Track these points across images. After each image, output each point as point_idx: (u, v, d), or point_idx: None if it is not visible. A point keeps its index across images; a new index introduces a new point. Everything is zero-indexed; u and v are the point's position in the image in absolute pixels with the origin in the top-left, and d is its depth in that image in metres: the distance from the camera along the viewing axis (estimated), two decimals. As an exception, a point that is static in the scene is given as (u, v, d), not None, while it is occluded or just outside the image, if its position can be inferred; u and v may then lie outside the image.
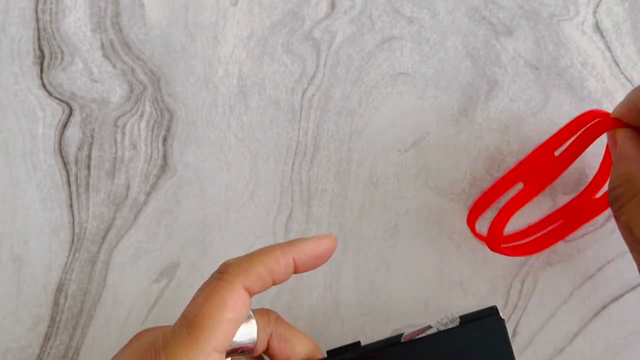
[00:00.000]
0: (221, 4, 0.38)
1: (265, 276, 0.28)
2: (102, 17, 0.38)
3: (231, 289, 0.27)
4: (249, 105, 0.38)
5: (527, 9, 0.38)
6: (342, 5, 0.38)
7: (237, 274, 0.27)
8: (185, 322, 0.26)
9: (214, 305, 0.26)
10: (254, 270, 0.27)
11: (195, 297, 0.27)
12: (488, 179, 0.37)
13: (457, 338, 0.30)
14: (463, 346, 0.30)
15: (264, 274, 0.28)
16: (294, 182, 0.37)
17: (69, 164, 0.37)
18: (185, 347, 0.25)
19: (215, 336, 0.26)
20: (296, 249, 0.29)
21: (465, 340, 0.30)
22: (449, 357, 0.30)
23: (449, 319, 0.30)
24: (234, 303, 0.26)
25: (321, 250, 0.29)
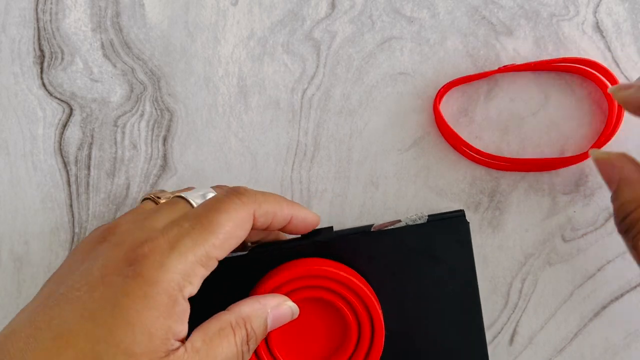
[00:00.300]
0: (221, 4, 0.38)
1: (269, 216, 0.29)
2: (103, 17, 0.38)
3: (246, 210, 0.28)
4: (249, 105, 0.38)
5: (527, 8, 0.38)
6: (342, 5, 0.38)
7: (253, 201, 0.28)
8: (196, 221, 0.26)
9: (230, 218, 0.27)
10: (265, 204, 0.29)
11: (209, 205, 0.27)
12: (488, 179, 0.37)
13: (423, 233, 0.32)
14: (428, 241, 0.31)
15: (269, 213, 0.29)
16: (294, 182, 0.37)
17: (69, 163, 0.37)
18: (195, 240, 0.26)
19: (222, 246, 0.26)
20: (295, 209, 0.31)
21: (430, 236, 0.32)
22: (414, 250, 0.31)
23: (418, 216, 0.32)
24: (245, 223, 0.28)
25: (310, 222, 0.31)
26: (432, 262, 0.32)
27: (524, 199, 0.37)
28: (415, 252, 0.31)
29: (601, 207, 0.36)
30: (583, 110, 0.37)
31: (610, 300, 0.36)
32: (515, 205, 0.37)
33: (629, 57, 0.38)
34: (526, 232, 0.37)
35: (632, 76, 0.37)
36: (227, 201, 0.27)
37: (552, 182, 0.37)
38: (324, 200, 0.37)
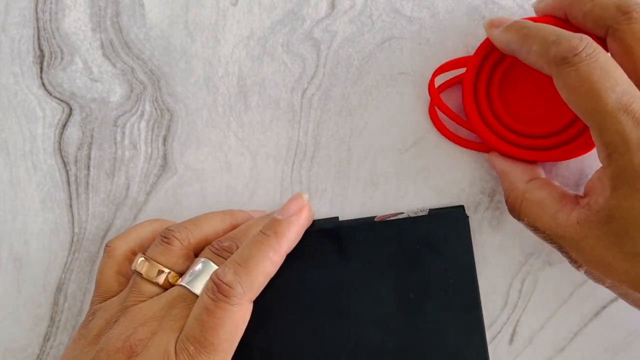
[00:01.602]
0: (221, 4, 0.38)
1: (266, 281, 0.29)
2: (102, 17, 0.38)
3: (243, 312, 0.28)
4: (249, 105, 0.38)
5: (527, 8, 0.38)
6: (342, 5, 0.38)
7: (244, 295, 0.28)
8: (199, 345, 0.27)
9: (229, 331, 0.27)
10: (258, 286, 0.29)
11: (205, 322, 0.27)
12: (488, 179, 0.37)
13: (424, 225, 0.33)
14: (428, 233, 0.33)
15: (265, 281, 0.29)
16: (294, 181, 0.37)
17: (69, 163, 0.37)
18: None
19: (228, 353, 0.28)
20: (287, 243, 0.30)
21: (431, 227, 0.33)
22: (414, 240, 0.33)
23: (419, 209, 0.34)
24: (244, 321, 0.28)
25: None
26: (433, 254, 0.32)
27: (524, 199, 0.37)
28: (416, 243, 0.32)
29: (601, 207, 0.36)
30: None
31: (610, 300, 0.36)
32: (515, 205, 0.37)
33: (629, 57, 0.38)
34: (526, 232, 0.37)
35: (632, 76, 0.37)
36: (220, 313, 0.27)
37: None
38: (324, 200, 0.37)
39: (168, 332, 0.28)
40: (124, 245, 0.33)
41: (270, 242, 0.30)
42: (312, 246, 0.33)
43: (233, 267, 0.28)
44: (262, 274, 0.29)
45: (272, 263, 0.29)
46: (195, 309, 0.28)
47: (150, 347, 0.27)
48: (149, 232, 0.34)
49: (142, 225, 0.34)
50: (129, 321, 0.29)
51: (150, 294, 0.30)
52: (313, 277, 0.32)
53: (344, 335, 0.31)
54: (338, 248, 0.33)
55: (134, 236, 0.33)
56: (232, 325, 0.28)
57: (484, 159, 0.37)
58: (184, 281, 0.30)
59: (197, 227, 0.32)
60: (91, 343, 0.29)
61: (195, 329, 0.27)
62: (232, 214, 0.34)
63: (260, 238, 0.30)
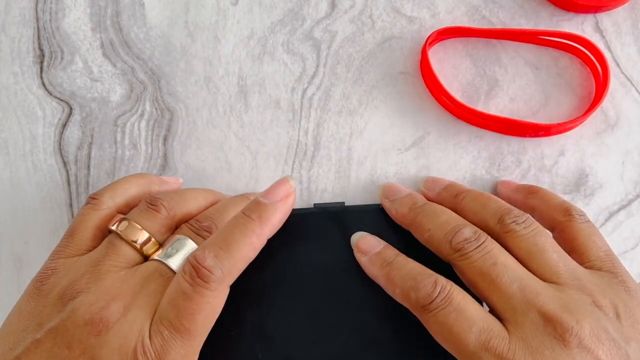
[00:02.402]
0: (221, 4, 0.38)
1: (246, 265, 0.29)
2: (102, 17, 0.38)
3: (220, 297, 0.27)
4: (249, 104, 0.38)
5: (527, 8, 0.38)
6: (342, 4, 0.38)
7: (224, 279, 0.27)
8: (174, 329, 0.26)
9: (206, 317, 0.26)
10: (237, 270, 0.28)
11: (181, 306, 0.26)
12: (488, 179, 0.37)
13: None
14: None
15: (244, 266, 0.28)
16: (295, 181, 0.37)
17: (69, 163, 0.37)
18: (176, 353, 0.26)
19: (201, 340, 0.27)
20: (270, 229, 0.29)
21: None
22: None
23: None
24: (221, 306, 0.27)
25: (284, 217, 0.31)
26: None
27: (524, 199, 0.37)
28: None
29: (601, 206, 0.36)
30: (583, 111, 0.37)
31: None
32: (516, 205, 0.37)
33: (629, 56, 0.38)
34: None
35: (632, 75, 0.37)
36: (197, 298, 0.26)
37: (552, 181, 0.37)
38: (324, 200, 0.37)
39: (144, 309, 0.26)
40: (110, 201, 0.31)
41: (253, 226, 0.28)
42: (316, 228, 0.33)
43: (214, 251, 0.27)
44: (243, 259, 0.28)
45: (254, 248, 0.28)
46: (171, 291, 0.27)
47: (124, 325, 0.26)
48: (135, 191, 0.32)
49: (128, 180, 0.33)
50: (101, 291, 0.27)
51: (127, 258, 0.29)
52: (315, 259, 0.32)
53: (340, 320, 0.31)
54: (342, 231, 0.33)
55: (121, 192, 0.32)
56: (210, 311, 0.26)
57: (484, 159, 0.37)
58: (161, 255, 0.29)
59: (184, 201, 0.31)
60: (53, 305, 0.27)
61: (170, 312, 0.26)
62: (215, 194, 0.34)
63: (244, 221, 0.28)
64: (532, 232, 0.29)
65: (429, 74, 0.36)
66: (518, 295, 0.27)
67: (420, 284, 0.28)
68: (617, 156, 0.37)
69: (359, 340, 0.31)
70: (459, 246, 0.29)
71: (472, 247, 0.29)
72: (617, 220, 0.36)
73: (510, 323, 0.26)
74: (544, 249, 0.29)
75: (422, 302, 0.28)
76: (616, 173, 0.37)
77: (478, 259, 0.28)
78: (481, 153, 0.37)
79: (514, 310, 0.27)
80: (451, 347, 0.27)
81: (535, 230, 0.29)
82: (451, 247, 0.29)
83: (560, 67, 0.38)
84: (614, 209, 0.36)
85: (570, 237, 0.30)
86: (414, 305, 0.28)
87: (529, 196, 0.33)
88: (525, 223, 0.29)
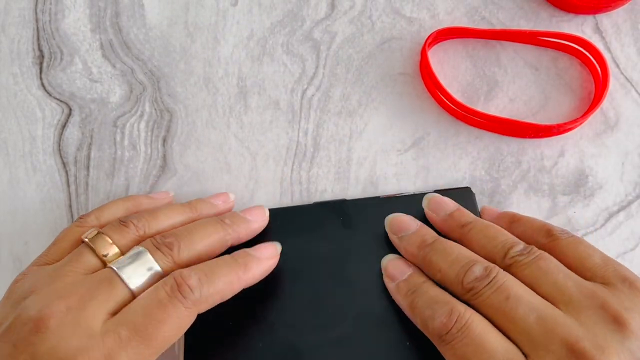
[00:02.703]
0: (221, 5, 0.38)
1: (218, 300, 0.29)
2: (102, 17, 0.38)
3: (189, 318, 0.27)
4: (249, 105, 0.38)
5: (526, 9, 0.38)
6: (341, 5, 0.38)
7: (199, 303, 0.28)
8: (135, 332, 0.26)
9: (170, 330, 0.27)
10: (212, 301, 0.28)
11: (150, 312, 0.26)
12: (487, 180, 0.37)
13: None
14: None
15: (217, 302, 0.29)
16: (294, 182, 0.37)
17: (68, 164, 0.37)
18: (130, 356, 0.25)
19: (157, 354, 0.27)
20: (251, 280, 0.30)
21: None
22: (420, 215, 0.33)
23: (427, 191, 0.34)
24: (187, 326, 0.28)
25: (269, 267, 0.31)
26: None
27: (524, 200, 0.37)
28: (422, 217, 0.33)
29: (601, 207, 0.36)
30: (583, 111, 0.37)
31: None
32: (515, 206, 0.37)
33: (629, 57, 0.38)
34: (526, 233, 0.37)
35: (632, 76, 0.37)
36: (170, 309, 0.26)
37: (552, 182, 0.37)
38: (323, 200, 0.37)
39: (91, 311, 0.27)
40: (95, 221, 0.32)
41: (238, 269, 0.29)
42: (318, 219, 0.34)
43: (199, 275, 0.28)
44: (220, 294, 0.29)
45: (232, 289, 0.29)
46: (145, 297, 0.27)
47: (67, 324, 0.26)
48: (122, 212, 0.33)
49: (115, 203, 0.34)
50: (50, 292, 0.27)
51: (88, 265, 0.29)
52: (318, 248, 0.33)
53: (347, 303, 0.31)
54: (343, 221, 0.33)
55: (107, 213, 0.33)
56: (176, 326, 0.27)
57: (484, 159, 0.37)
58: (116, 265, 0.29)
59: (154, 219, 0.32)
60: (11, 305, 0.28)
61: (139, 317, 0.26)
62: (194, 207, 0.34)
63: (231, 262, 0.30)
64: (534, 258, 0.29)
65: (429, 75, 0.36)
66: (536, 327, 0.26)
67: (436, 313, 0.27)
68: (616, 157, 0.37)
69: (367, 323, 0.31)
70: (470, 286, 0.28)
71: (484, 284, 0.28)
72: (617, 221, 0.36)
73: (532, 358, 0.25)
74: (548, 271, 0.28)
75: (438, 332, 0.27)
76: (616, 174, 0.37)
77: (490, 295, 0.27)
78: (481, 154, 0.37)
79: (535, 343, 0.26)
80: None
81: (538, 256, 0.29)
82: (463, 288, 0.28)
83: (560, 68, 0.38)
84: (614, 210, 0.36)
85: (561, 256, 0.30)
86: (432, 336, 0.28)
87: (512, 225, 0.33)
88: (529, 252, 0.29)
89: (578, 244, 0.30)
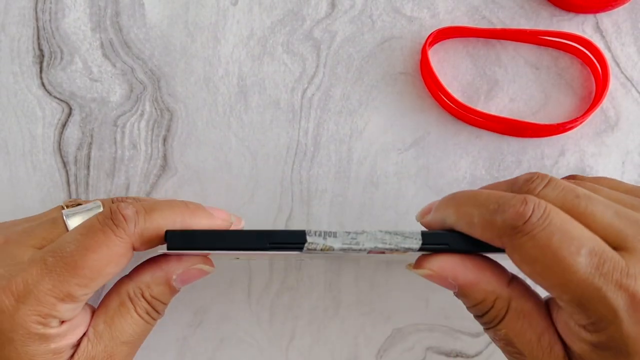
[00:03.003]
0: (221, 4, 0.38)
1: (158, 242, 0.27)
2: (102, 17, 0.38)
3: (122, 246, 0.25)
4: (249, 105, 0.38)
5: (527, 8, 0.38)
6: (342, 4, 0.38)
7: (133, 235, 0.26)
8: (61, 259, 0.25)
9: (99, 258, 0.25)
10: (149, 237, 0.26)
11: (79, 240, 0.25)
12: (488, 179, 0.37)
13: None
14: None
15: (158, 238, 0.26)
16: (294, 182, 0.37)
17: (69, 163, 0.37)
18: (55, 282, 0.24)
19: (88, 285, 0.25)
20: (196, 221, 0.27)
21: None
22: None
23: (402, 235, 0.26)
24: (119, 259, 0.26)
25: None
26: None
27: (524, 199, 0.37)
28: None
29: (601, 207, 0.36)
30: (583, 111, 0.37)
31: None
32: (516, 205, 0.37)
33: (629, 56, 0.38)
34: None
35: (633, 76, 0.37)
36: (100, 236, 0.25)
37: (552, 182, 0.37)
38: (324, 200, 0.37)
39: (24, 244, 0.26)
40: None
41: (185, 214, 0.27)
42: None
43: (137, 208, 0.26)
44: (158, 231, 0.26)
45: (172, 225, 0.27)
46: (77, 227, 0.26)
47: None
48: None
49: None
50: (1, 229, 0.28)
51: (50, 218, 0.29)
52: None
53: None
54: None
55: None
56: (105, 256, 0.25)
57: (484, 159, 0.37)
58: (66, 211, 0.28)
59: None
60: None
61: (67, 244, 0.25)
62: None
63: (180, 204, 0.28)
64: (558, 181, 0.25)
65: (429, 74, 0.36)
66: (618, 221, 0.23)
67: (506, 204, 0.23)
68: (617, 156, 0.37)
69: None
70: (524, 188, 0.25)
71: (540, 185, 0.24)
72: (617, 220, 0.36)
73: (623, 249, 0.23)
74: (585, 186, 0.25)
75: (512, 223, 0.23)
76: (616, 173, 0.37)
77: (555, 196, 0.24)
78: (481, 153, 0.37)
79: (622, 235, 0.23)
80: (553, 277, 0.22)
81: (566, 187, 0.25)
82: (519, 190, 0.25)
83: (561, 67, 0.38)
84: (614, 209, 0.36)
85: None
86: (500, 230, 0.23)
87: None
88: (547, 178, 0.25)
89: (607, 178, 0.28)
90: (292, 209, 0.37)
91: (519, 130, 0.36)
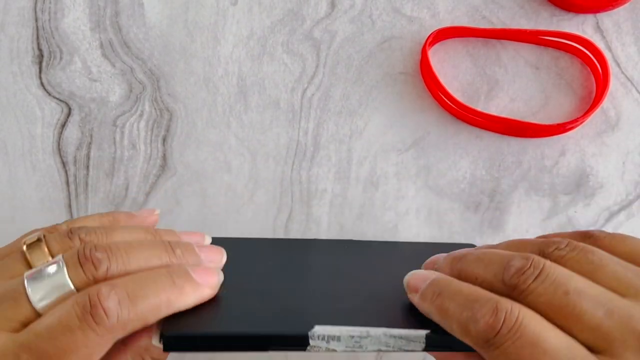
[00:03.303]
0: (221, 4, 0.38)
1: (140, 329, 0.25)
2: (101, 17, 0.38)
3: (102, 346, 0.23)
4: (249, 105, 0.37)
5: (527, 8, 0.38)
6: (342, 4, 0.38)
7: (114, 330, 0.23)
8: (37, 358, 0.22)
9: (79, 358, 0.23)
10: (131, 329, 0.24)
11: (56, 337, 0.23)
12: (488, 179, 0.37)
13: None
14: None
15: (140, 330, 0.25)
16: (294, 182, 0.37)
17: (68, 163, 0.37)
18: None
19: None
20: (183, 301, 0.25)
21: None
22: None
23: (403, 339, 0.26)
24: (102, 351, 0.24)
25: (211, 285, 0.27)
26: None
27: (524, 199, 0.37)
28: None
29: (602, 207, 0.36)
30: (583, 111, 0.37)
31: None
32: (516, 206, 0.37)
33: (630, 56, 0.38)
34: (527, 233, 0.37)
35: (633, 76, 0.37)
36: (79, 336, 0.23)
37: (552, 182, 0.36)
38: (324, 200, 0.37)
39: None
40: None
41: (172, 293, 0.25)
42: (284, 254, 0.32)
43: (120, 295, 0.24)
44: (142, 320, 0.24)
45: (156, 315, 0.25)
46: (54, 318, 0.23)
47: None
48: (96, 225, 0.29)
49: (92, 218, 0.30)
50: None
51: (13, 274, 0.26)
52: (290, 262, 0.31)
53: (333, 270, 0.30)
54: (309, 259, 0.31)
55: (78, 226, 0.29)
56: (85, 355, 0.23)
57: (484, 159, 0.37)
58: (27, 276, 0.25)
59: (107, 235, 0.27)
60: None
61: (43, 341, 0.23)
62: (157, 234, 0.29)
63: (165, 280, 0.25)
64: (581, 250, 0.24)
65: (429, 74, 0.36)
66: (608, 322, 0.22)
67: (477, 313, 0.22)
68: (617, 156, 0.37)
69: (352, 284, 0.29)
70: (513, 281, 0.23)
71: (531, 278, 0.23)
72: (618, 221, 0.36)
73: (607, 354, 0.21)
74: (602, 263, 0.24)
75: (484, 336, 0.22)
76: (617, 173, 0.37)
77: (543, 292, 0.23)
78: (481, 153, 0.37)
79: (609, 339, 0.22)
80: None
81: (584, 249, 0.24)
82: (505, 286, 0.23)
83: (561, 67, 0.38)
84: (615, 210, 0.36)
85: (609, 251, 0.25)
86: (476, 341, 0.23)
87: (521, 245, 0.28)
88: (572, 246, 0.24)
89: (625, 238, 0.26)
90: (291, 209, 0.37)
91: (519, 131, 0.36)
